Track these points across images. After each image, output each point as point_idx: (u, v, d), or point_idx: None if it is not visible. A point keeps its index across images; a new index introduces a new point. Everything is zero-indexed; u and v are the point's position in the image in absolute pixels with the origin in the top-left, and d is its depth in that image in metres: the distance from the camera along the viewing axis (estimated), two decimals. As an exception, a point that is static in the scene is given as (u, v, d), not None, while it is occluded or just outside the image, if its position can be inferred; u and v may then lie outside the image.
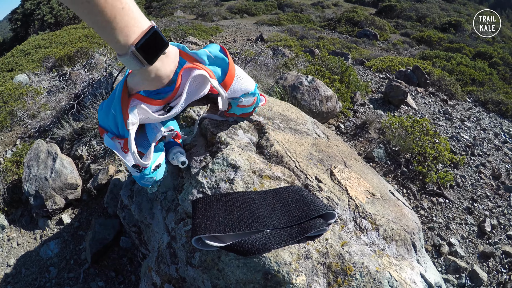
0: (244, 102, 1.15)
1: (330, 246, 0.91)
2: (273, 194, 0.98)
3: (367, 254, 0.93)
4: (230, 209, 0.92)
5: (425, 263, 1.16)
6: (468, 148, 4.27)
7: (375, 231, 1.01)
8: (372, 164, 3.39)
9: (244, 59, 5.73)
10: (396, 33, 16.00)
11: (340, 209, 1.02)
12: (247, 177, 1.05)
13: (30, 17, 15.46)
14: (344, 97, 4.18)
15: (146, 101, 1.00)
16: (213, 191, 1.05)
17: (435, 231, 2.90)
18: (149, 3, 20.88)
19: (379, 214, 1.07)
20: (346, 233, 0.97)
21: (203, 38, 11.81)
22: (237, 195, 0.97)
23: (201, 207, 0.96)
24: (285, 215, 0.91)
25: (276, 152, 1.16)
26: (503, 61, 10.90)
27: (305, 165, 1.14)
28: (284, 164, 1.13)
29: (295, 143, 1.24)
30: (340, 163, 1.26)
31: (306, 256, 0.89)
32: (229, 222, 0.88)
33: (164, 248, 1.12)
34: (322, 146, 1.31)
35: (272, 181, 1.05)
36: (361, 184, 1.17)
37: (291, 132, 1.31)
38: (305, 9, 20.91)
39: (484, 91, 7.18)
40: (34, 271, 2.35)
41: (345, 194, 1.08)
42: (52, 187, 2.70)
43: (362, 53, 9.93)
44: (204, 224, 0.88)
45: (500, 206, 3.32)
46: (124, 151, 1.01)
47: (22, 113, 4.50)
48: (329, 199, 1.03)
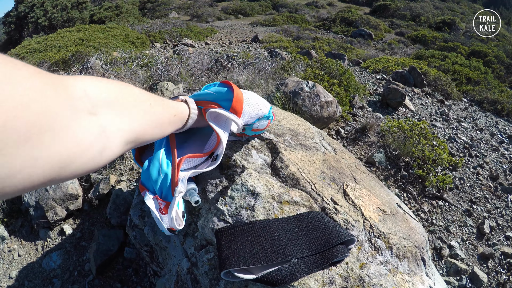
0: (259, 126, 1.16)
1: (351, 270, 0.92)
2: (295, 221, 0.99)
3: (384, 274, 0.94)
4: (256, 239, 0.93)
5: (433, 275, 1.18)
6: (465, 149, 4.30)
7: (388, 249, 1.03)
8: (373, 168, 3.41)
9: (242, 62, 5.73)
10: (391, 33, 16.07)
11: (356, 231, 1.03)
12: (267, 204, 1.06)
13: (24, 20, 15.37)
14: (343, 101, 4.20)
15: (195, 157, 1.07)
16: (234, 219, 1.05)
17: (435, 234, 2.92)
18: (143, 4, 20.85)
19: (391, 233, 1.08)
20: (363, 254, 0.98)
21: (198, 39, 11.79)
22: (260, 224, 0.98)
23: (225, 238, 0.96)
24: (309, 243, 0.92)
25: (292, 174, 1.17)
26: (497, 59, 10.97)
27: (320, 186, 1.15)
28: (301, 186, 1.14)
29: (308, 162, 1.25)
30: (350, 179, 1.27)
31: (330, 281, 0.90)
32: (257, 253, 0.89)
33: (185, 274, 1.12)
34: (332, 162, 1.32)
35: (291, 206, 1.05)
36: (372, 201, 1.18)
37: (302, 150, 1.31)
38: (299, 9, 20.95)
39: (479, 90, 7.23)
40: (37, 283, 2.33)
41: (359, 214, 1.09)
42: (53, 198, 2.68)
43: (357, 53, 9.96)
44: (232, 257, 0.89)
45: (498, 207, 3.35)
46: (162, 212, 1.03)
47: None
48: (345, 222, 1.04)
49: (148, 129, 0.68)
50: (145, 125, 0.66)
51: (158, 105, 0.75)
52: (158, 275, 1.52)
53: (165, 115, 0.79)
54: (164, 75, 4.61)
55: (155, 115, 0.72)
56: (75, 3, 15.63)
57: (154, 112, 0.71)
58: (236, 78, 4.52)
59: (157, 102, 0.75)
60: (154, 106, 0.72)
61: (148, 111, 0.68)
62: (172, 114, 0.83)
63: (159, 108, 0.75)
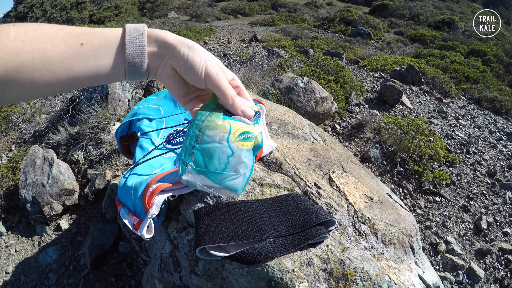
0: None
1: (331, 252, 0.92)
2: (274, 202, 0.99)
3: (367, 258, 0.94)
4: (233, 218, 0.93)
5: (423, 264, 1.18)
6: (463, 146, 4.30)
7: (374, 235, 1.03)
8: (369, 164, 3.41)
9: (239, 60, 5.74)
10: (390, 32, 16.05)
11: (339, 215, 1.03)
12: (247, 186, 1.06)
13: (24, 20, 15.37)
14: (340, 97, 4.20)
15: (173, 184, 1.03)
16: (215, 201, 1.05)
17: (432, 230, 2.92)
18: (142, 4, 20.86)
19: (377, 218, 1.09)
20: (346, 238, 0.98)
21: (197, 39, 11.80)
22: (239, 204, 0.98)
23: (203, 217, 0.97)
24: (286, 223, 0.92)
25: (275, 159, 1.17)
26: (496, 58, 10.96)
27: (304, 172, 1.15)
28: (284, 171, 1.14)
29: (294, 149, 1.25)
30: (338, 167, 1.28)
31: (308, 263, 0.90)
32: (232, 232, 0.89)
33: (167, 257, 1.12)
34: (320, 151, 1.32)
35: (272, 189, 1.06)
36: (359, 188, 1.19)
37: (289, 138, 1.32)
38: (298, 8, 20.94)
39: (478, 89, 7.22)
40: (33, 278, 2.34)
41: (344, 199, 1.09)
42: (49, 193, 2.69)
43: (356, 52, 9.96)
44: (207, 234, 0.89)
45: (495, 203, 3.35)
46: (135, 227, 1.02)
47: (17, 118, 4.48)
48: (328, 205, 1.04)
49: (27, 65, 0.50)
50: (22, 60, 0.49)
51: (61, 35, 0.53)
52: (148, 264, 1.53)
53: (59, 45, 0.52)
54: (162, 73, 4.60)
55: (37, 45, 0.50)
56: (74, 3, 15.65)
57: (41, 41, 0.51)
58: (233, 75, 4.51)
59: (64, 31, 0.54)
60: (53, 36, 0.52)
61: (34, 41, 0.51)
62: (78, 43, 0.54)
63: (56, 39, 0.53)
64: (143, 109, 1.35)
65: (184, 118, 1.30)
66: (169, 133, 1.24)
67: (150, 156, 1.14)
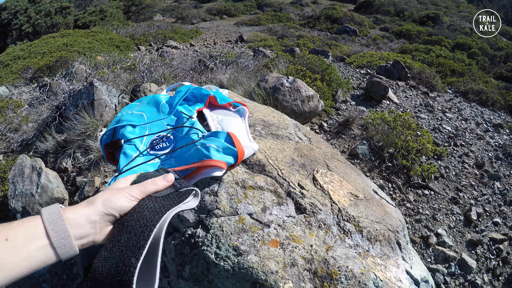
0: None
1: (315, 252, 0.93)
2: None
3: (352, 257, 0.94)
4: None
5: (411, 259, 1.18)
6: (450, 139, 4.35)
7: (359, 233, 1.03)
8: (357, 160, 3.43)
9: (225, 61, 5.73)
10: (376, 28, 16.17)
11: (323, 214, 1.04)
12: (230, 189, 1.06)
13: (8, 27, 15.17)
14: (326, 95, 4.22)
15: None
16: (197, 205, 1.05)
17: (422, 223, 2.95)
18: (127, 8, 20.69)
19: (362, 216, 1.09)
20: (330, 237, 0.99)
21: (183, 41, 11.78)
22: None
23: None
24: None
25: (258, 160, 1.17)
26: (481, 51, 11.10)
27: (288, 172, 1.16)
28: (267, 172, 1.14)
29: (277, 150, 1.25)
30: (323, 166, 1.28)
31: (292, 263, 0.90)
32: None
33: (155, 262, 1.12)
34: (304, 150, 1.33)
35: (255, 191, 1.06)
36: (343, 187, 1.19)
37: (272, 139, 1.32)
38: (284, 8, 20.99)
39: (464, 82, 7.31)
40: (25, 289, 2.32)
41: (327, 198, 1.10)
42: (39, 203, 2.66)
43: (342, 49, 10.01)
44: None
45: (485, 194, 3.39)
46: None
47: (3, 127, 4.43)
48: (312, 205, 1.05)
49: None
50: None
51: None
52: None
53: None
54: (148, 77, 4.60)
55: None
56: (58, 8, 15.48)
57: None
58: (219, 77, 4.52)
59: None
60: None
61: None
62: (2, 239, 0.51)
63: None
64: (127, 116, 1.34)
65: (167, 123, 1.29)
66: (152, 139, 1.23)
67: (134, 164, 1.14)
